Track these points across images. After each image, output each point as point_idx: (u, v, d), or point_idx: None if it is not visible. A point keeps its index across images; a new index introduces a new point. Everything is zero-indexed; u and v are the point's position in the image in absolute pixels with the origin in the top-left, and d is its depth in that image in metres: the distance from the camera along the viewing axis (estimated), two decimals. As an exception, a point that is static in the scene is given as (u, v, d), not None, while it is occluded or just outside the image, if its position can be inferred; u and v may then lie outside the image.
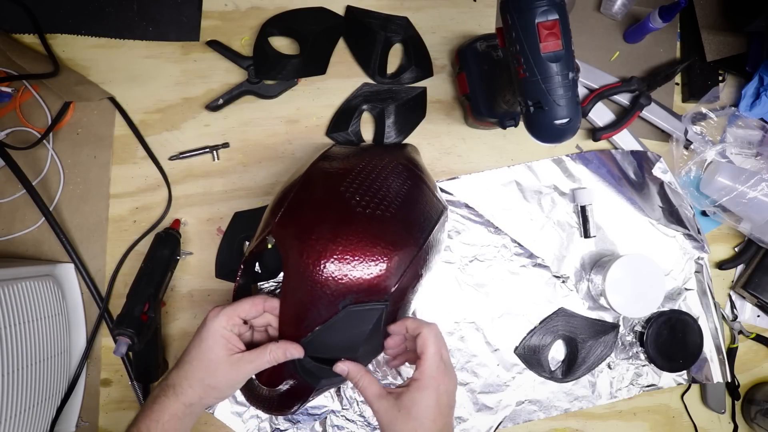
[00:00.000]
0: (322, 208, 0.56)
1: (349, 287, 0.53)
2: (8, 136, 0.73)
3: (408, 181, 0.61)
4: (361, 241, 0.53)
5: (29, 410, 0.63)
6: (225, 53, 0.74)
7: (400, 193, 0.59)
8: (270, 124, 0.76)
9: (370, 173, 0.60)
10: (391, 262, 0.54)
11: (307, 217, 0.56)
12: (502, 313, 0.77)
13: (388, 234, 0.55)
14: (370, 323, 0.54)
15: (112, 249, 0.74)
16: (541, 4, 0.50)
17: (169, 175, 0.74)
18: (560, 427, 0.79)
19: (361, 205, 0.55)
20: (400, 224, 0.56)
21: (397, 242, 0.55)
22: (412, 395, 0.51)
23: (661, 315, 0.77)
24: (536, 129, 0.55)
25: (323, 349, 0.55)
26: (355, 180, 0.58)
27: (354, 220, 0.54)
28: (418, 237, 0.57)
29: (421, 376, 0.52)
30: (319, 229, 0.54)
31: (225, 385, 0.54)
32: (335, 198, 0.56)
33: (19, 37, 0.73)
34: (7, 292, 0.60)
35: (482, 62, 0.71)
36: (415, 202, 0.60)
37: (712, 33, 0.80)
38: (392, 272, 0.54)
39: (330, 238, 0.53)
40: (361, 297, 0.54)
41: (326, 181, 0.58)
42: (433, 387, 0.52)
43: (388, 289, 0.54)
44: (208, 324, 0.54)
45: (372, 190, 0.57)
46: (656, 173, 0.77)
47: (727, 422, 0.83)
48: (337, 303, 0.53)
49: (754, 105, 0.78)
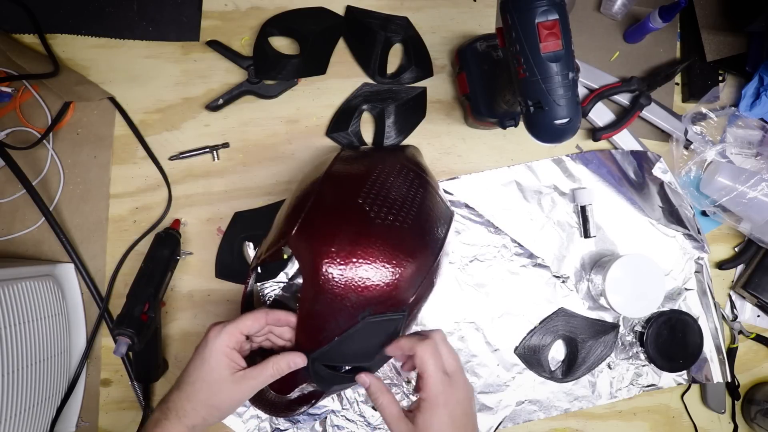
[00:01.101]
0: (341, 220, 0.55)
1: (369, 299, 0.53)
2: (8, 136, 0.73)
3: (420, 189, 0.61)
4: (382, 254, 0.53)
5: (29, 410, 0.63)
6: (225, 53, 0.74)
7: (415, 203, 0.59)
8: (270, 124, 0.76)
9: (385, 181, 0.59)
10: (410, 272, 0.54)
11: (326, 228, 0.55)
12: (502, 313, 0.77)
13: (406, 245, 0.55)
14: (387, 333, 0.55)
15: (112, 249, 0.74)
16: (541, 4, 0.50)
17: (169, 175, 0.74)
18: (560, 427, 0.79)
19: (380, 216, 0.55)
20: (417, 234, 0.56)
21: (414, 252, 0.55)
22: (424, 417, 0.51)
23: (661, 315, 0.77)
24: (536, 129, 0.55)
25: (338, 358, 0.55)
26: (372, 189, 0.57)
27: (373, 231, 0.54)
28: (435, 246, 0.57)
29: (427, 396, 0.52)
30: (340, 240, 0.53)
31: (229, 405, 0.53)
32: (353, 209, 0.55)
33: (19, 37, 0.73)
34: (7, 292, 0.60)
35: (482, 62, 0.71)
36: (429, 210, 0.60)
37: (712, 33, 0.80)
38: (411, 283, 0.54)
39: (350, 250, 0.53)
40: (380, 308, 0.54)
41: (343, 191, 0.58)
42: (441, 404, 0.52)
43: (407, 300, 0.55)
44: (210, 343, 0.53)
45: (389, 201, 0.57)
46: (656, 173, 0.77)
47: (727, 422, 0.83)
48: (356, 315, 0.53)
49: (754, 105, 0.78)
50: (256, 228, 0.72)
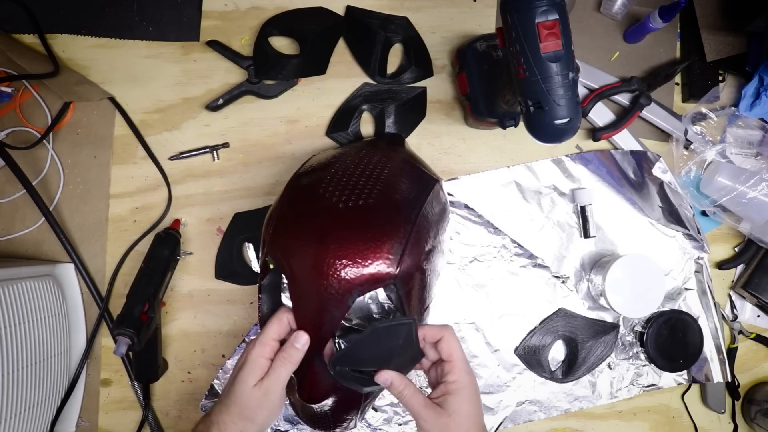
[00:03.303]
0: (304, 216, 0.56)
1: (351, 282, 0.53)
2: (8, 136, 0.73)
3: (388, 163, 0.61)
4: (351, 234, 0.53)
5: (29, 410, 0.63)
6: (225, 53, 0.74)
7: (381, 177, 0.58)
8: (270, 124, 0.76)
9: (348, 167, 0.60)
10: (386, 245, 0.54)
11: (292, 229, 0.56)
12: (502, 313, 0.76)
13: (374, 219, 0.55)
14: (401, 338, 0.54)
15: (112, 249, 0.74)
16: (541, 4, 0.50)
17: (169, 175, 0.74)
18: (560, 427, 0.79)
19: (342, 200, 0.55)
20: (384, 207, 0.56)
21: (385, 225, 0.55)
22: (455, 399, 0.53)
23: (661, 315, 0.77)
24: (536, 129, 0.55)
25: (356, 363, 0.55)
26: (333, 179, 0.58)
27: (337, 216, 0.54)
28: (408, 214, 0.56)
29: (457, 378, 0.53)
30: (306, 236, 0.54)
31: (261, 413, 0.53)
32: (315, 201, 0.56)
33: (19, 37, 0.73)
34: (7, 292, 0.60)
35: (482, 62, 0.71)
36: (396, 181, 0.59)
37: (712, 33, 0.80)
38: (391, 256, 0.54)
39: (318, 239, 0.53)
40: (366, 288, 0.53)
41: (304, 189, 0.59)
42: (469, 389, 0.54)
43: (392, 274, 0.54)
44: (248, 357, 0.54)
45: (351, 183, 0.57)
46: (656, 173, 0.77)
47: (727, 422, 0.83)
48: (345, 300, 0.53)
49: (754, 105, 0.78)
50: (256, 228, 0.71)
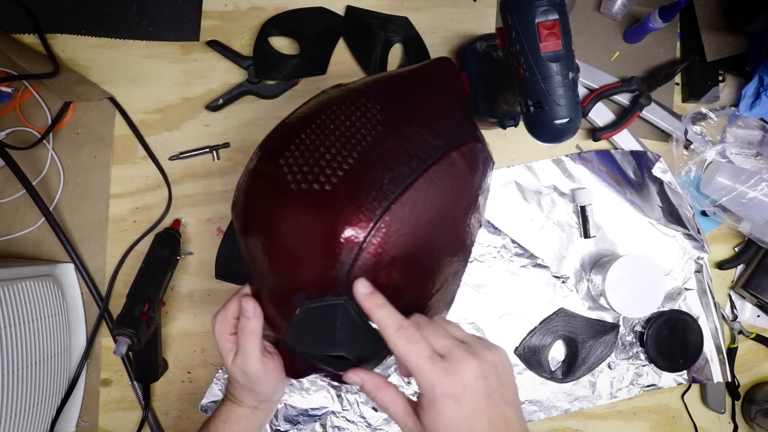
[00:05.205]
0: (255, 192, 0.47)
1: (294, 282, 0.45)
2: (8, 136, 0.73)
3: (379, 117, 0.48)
4: (292, 227, 0.44)
5: (29, 410, 0.63)
6: (225, 53, 0.74)
7: (357, 147, 0.45)
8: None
9: (328, 125, 0.47)
10: (330, 245, 0.43)
11: (244, 206, 0.47)
12: (502, 313, 0.76)
13: (324, 211, 0.43)
14: (336, 320, 0.45)
15: (112, 249, 0.74)
16: (541, 4, 0.50)
17: (169, 175, 0.74)
18: (560, 427, 0.79)
19: (296, 179, 0.44)
20: (345, 194, 0.43)
21: (336, 221, 0.43)
22: (427, 415, 0.43)
23: (661, 315, 0.77)
24: (536, 129, 0.55)
25: (305, 345, 0.49)
26: (302, 144, 0.46)
27: (285, 201, 0.44)
28: (375, 206, 0.43)
29: (422, 391, 0.43)
30: (252, 220, 0.46)
31: (255, 385, 0.52)
32: (269, 175, 0.46)
33: (19, 37, 0.73)
34: (7, 292, 0.60)
35: (482, 62, 0.71)
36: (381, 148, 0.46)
37: (712, 33, 0.80)
38: (337, 258, 0.43)
39: (260, 227, 0.45)
40: (312, 293, 0.45)
41: (266, 156, 0.48)
42: (440, 397, 0.42)
43: (339, 280, 0.43)
44: (215, 338, 0.53)
45: (318, 153, 0.45)
46: (656, 173, 0.77)
47: (727, 422, 0.83)
48: (290, 300, 0.46)
49: (754, 105, 0.78)
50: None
